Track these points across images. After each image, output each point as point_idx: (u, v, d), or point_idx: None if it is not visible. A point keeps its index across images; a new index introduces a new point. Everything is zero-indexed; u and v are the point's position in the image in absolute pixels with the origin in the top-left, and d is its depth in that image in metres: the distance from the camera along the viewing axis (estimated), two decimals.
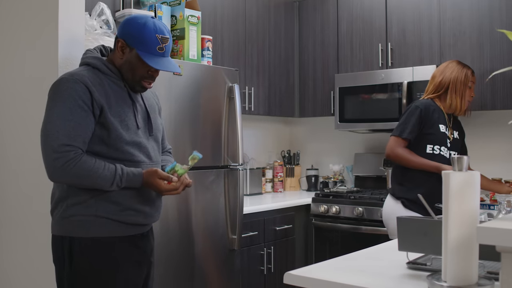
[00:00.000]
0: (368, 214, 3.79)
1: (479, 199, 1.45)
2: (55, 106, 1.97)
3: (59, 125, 1.94)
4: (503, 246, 1.14)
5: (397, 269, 1.72)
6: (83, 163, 1.95)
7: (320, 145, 4.88)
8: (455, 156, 1.43)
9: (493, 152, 3.91)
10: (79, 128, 1.96)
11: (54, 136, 1.93)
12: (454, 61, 3.19)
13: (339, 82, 4.25)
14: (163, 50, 2.11)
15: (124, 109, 2.09)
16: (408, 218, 1.68)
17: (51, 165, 1.94)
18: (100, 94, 2.02)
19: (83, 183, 1.98)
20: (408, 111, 3.10)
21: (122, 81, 2.13)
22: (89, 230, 2.02)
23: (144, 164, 2.13)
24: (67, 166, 1.92)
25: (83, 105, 1.97)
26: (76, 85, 1.98)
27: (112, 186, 2.01)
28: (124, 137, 2.06)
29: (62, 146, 1.92)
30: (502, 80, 3.57)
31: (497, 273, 1.47)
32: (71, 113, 1.95)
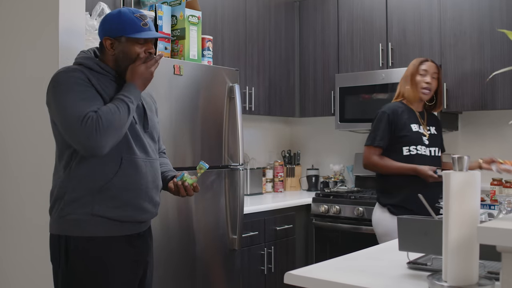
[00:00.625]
0: (369, 214, 3.79)
1: (480, 199, 1.45)
2: (65, 95, 1.98)
3: (76, 107, 1.95)
4: (503, 246, 1.14)
5: (398, 269, 1.72)
6: (104, 113, 1.97)
7: (321, 145, 4.88)
8: (455, 156, 1.43)
9: (493, 152, 3.91)
10: (92, 99, 2.00)
11: (75, 117, 1.93)
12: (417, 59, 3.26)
13: (340, 82, 4.25)
14: (147, 25, 2.14)
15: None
16: (409, 218, 1.68)
17: (83, 133, 1.93)
18: (96, 86, 2.05)
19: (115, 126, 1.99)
20: (376, 119, 3.14)
21: (114, 79, 2.14)
22: (85, 229, 2.00)
23: (140, 159, 2.12)
24: (93, 122, 1.93)
25: (90, 87, 2.02)
26: (75, 73, 2.02)
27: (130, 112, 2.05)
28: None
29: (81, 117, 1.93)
30: (502, 80, 3.57)
31: (498, 273, 1.47)
32: (82, 93, 1.99)
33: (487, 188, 3.57)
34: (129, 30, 2.10)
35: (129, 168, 2.07)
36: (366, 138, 3.20)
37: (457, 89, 3.78)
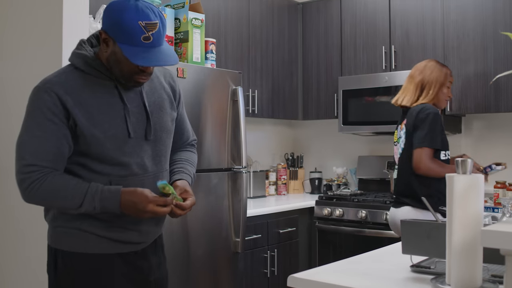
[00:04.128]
0: (372, 217, 3.78)
1: (483, 202, 1.44)
2: (25, 120, 1.76)
3: (26, 142, 1.72)
4: (507, 249, 1.14)
5: (401, 272, 1.71)
6: (49, 183, 1.71)
7: (324, 147, 4.88)
8: (458, 159, 1.43)
9: (497, 154, 3.90)
10: (47, 144, 1.72)
11: (20, 155, 1.73)
12: (432, 60, 3.19)
13: (343, 84, 4.25)
14: (150, 39, 1.70)
15: (111, 116, 1.79)
16: (412, 221, 1.67)
17: (20, 188, 1.73)
18: (76, 102, 1.73)
19: (52, 204, 1.79)
20: (430, 119, 2.95)
21: (112, 80, 1.82)
22: (73, 244, 1.80)
23: (136, 177, 1.83)
24: (32, 188, 1.70)
25: (52, 117, 1.71)
26: (45, 94, 1.72)
27: (82, 208, 1.72)
28: (109, 149, 1.78)
29: (27, 166, 1.70)
30: (506, 83, 3.56)
31: (502, 276, 1.46)
32: (38, 128, 1.72)
33: (491, 191, 3.56)
34: (125, 39, 1.70)
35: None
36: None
37: (460, 91, 3.77)
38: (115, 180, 1.79)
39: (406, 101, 3.13)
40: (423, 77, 3.10)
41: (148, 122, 1.87)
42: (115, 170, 1.80)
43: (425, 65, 3.15)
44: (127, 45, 1.70)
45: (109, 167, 1.79)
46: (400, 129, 3.16)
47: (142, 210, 1.74)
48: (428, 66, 3.13)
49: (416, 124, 2.99)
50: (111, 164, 1.79)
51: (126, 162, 1.81)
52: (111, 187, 1.75)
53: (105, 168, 1.79)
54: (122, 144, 1.80)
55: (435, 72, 3.10)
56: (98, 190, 1.73)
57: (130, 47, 1.70)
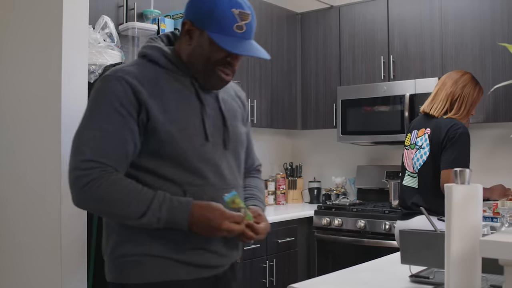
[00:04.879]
0: (371, 226, 3.78)
1: (482, 212, 1.44)
2: (87, 110, 1.57)
3: (87, 135, 1.52)
4: (506, 259, 1.14)
5: (400, 282, 1.71)
6: (111, 183, 1.48)
7: (323, 157, 4.88)
8: (457, 169, 1.43)
9: (495, 164, 3.91)
10: (111, 140, 1.52)
11: (79, 149, 1.51)
12: (467, 73, 3.10)
13: (341, 94, 4.26)
14: (243, 29, 1.59)
15: (187, 114, 1.61)
16: (411, 231, 1.67)
17: (72, 186, 1.51)
18: (151, 94, 1.56)
19: (110, 210, 1.51)
20: (463, 141, 2.94)
21: (189, 77, 1.65)
22: (145, 274, 1.55)
23: (213, 188, 1.62)
24: (90, 187, 1.47)
25: (120, 108, 1.52)
26: (116, 83, 1.54)
27: (145, 217, 1.48)
28: (185, 150, 1.57)
29: (86, 162, 1.48)
30: (504, 93, 3.58)
31: (500, 286, 1.47)
32: (104, 120, 1.52)
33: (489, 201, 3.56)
34: (216, 27, 1.57)
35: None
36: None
37: None
38: (190, 190, 1.57)
39: (433, 111, 3.05)
40: (455, 89, 3.02)
41: (226, 129, 1.70)
42: (190, 178, 1.58)
43: (460, 77, 3.07)
44: (219, 34, 1.57)
45: (182, 174, 1.57)
46: (419, 135, 3.09)
47: (216, 227, 1.53)
48: (463, 79, 3.05)
49: (446, 142, 2.95)
50: (186, 169, 1.58)
51: (203, 169, 1.60)
52: (181, 198, 1.53)
53: (177, 174, 1.57)
54: (199, 148, 1.61)
55: (468, 87, 3.03)
56: (167, 199, 1.50)
57: (222, 36, 1.57)
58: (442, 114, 3.03)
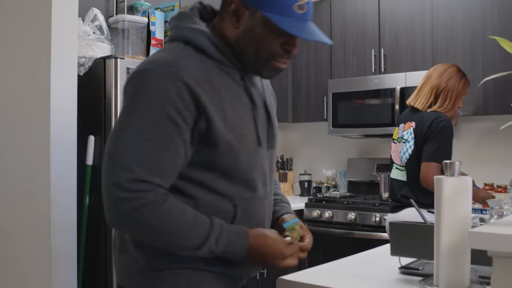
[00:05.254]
0: (361, 219, 3.80)
1: (471, 204, 1.45)
2: (131, 115, 1.28)
3: (134, 148, 1.25)
4: (494, 250, 1.15)
5: (390, 274, 1.72)
6: (166, 211, 1.26)
7: (313, 150, 4.89)
8: (447, 161, 1.44)
9: (485, 157, 3.93)
10: (164, 155, 1.27)
11: (124, 165, 1.24)
12: (454, 66, 3.10)
13: (332, 87, 4.27)
14: (304, 9, 1.35)
15: (243, 117, 1.39)
16: (401, 223, 1.68)
17: (113, 208, 1.26)
18: (210, 96, 1.31)
19: (161, 240, 1.29)
20: (444, 134, 2.94)
21: (237, 69, 1.41)
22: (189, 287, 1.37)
23: (259, 200, 1.45)
24: (141, 214, 1.24)
25: (175, 116, 1.26)
26: (169, 83, 1.27)
27: (199, 251, 1.29)
28: (242, 162, 1.38)
29: (135, 182, 1.23)
30: (494, 86, 3.59)
31: (489, 277, 1.48)
32: (155, 129, 1.26)
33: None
34: (274, 7, 1.31)
35: (245, 217, 1.41)
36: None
37: None
38: (241, 205, 1.39)
39: (418, 104, 3.06)
40: (439, 82, 3.03)
41: (270, 126, 1.49)
42: (240, 190, 1.39)
43: (445, 70, 3.06)
44: (277, 15, 1.31)
45: (232, 187, 1.37)
46: (405, 128, 3.11)
47: (271, 265, 1.39)
48: (448, 71, 3.05)
49: (428, 135, 2.96)
50: (238, 182, 1.38)
51: (255, 180, 1.42)
52: (235, 228, 1.34)
53: (228, 187, 1.37)
54: (254, 156, 1.41)
55: (453, 80, 3.03)
56: (224, 232, 1.31)
57: (281, 17, 1.31)
58: (426, 107, 3.04)
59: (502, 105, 3.57)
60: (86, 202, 3.10)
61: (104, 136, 3.09)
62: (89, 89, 3.11)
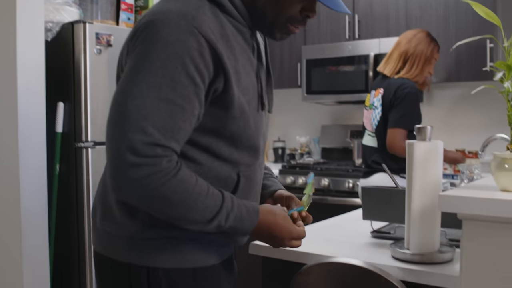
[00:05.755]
0: (334, 185, 3.82)
1: (442, 168, 1.46)
2: (148, 70, 1.14)
3: (150, 107, 1.13)
4: (464, 213, 1.16)
5: (362, 238, 1.73)
6: (178, 182, 1.15)
7: (287, 117, 4.88)
8: (418, 126, 1.44)
9: (458, 123, 3.97)
10: (181, 116, 1.16)
11: (138, 124, 1.12)
12: (423, 31, 3.10)
13: (306, 54, 4.24)
14: None
15: (252, 79, 1.31)
16: (372, 188, 1.69)
17: (122, 173, 1.12)
18: (227, 54, 1.21)
19: (166, 213, 1.19)
20: (408, 100, 2.94)
21: (249, 28, 1.32)
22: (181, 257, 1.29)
23: (259, 167, 1.40)
24: (151, 182, 1.13)
25: (195, 75, 1.16)
26: (191, 37, 1.15)
27: (209, 225, 1.21)
28: (250, 126, 1.30)
29: (151, 146, 1.12)
30: (467, 53, 3.60)
31: (459, 240, 1.50)
32: (173, 88, 1.14)
33: None
34: None
35: (246, 184, 1.35)
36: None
37: None
38: (245, 172, 1.33)
39: (387, 71, 3.07)
40: (408, 48, 3.02)
41: (270, 89, 1.42)
42: (244, 156, 1.32)
43: (414, 35, 3.06)
44: None
45: (237, 153, 1.30)
46: (375, 95, 3.12)
47: (278, 243, 1.34)
48: (417, 37, 3.05)
49: (393, 102, 2.97)
50: (242, 148, 1.31)
51: (259, 146, 1.35)
52: (248, 205, 1.27)
53: (233, 154, 1.30)
54: (259, 120, 1.34)
55: (422, 45, 3.03)
56: (235, 207, 1.23)
57: None
58: (394, 74, 3.05)
59: (475, 71, 3.59)
60: (57, 170, 3.06)
61: (74, 102, 3.03)
62: (57, 55, 3.03)
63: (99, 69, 3.02)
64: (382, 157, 3.04)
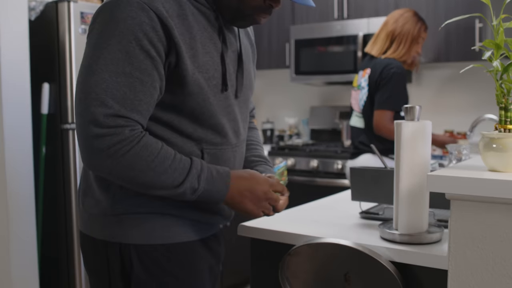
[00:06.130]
0: (324, 166, 3.82)
1: (430, 149, 1.45)
2: (104, 47, 1.20)
3: (108, 81, 1.19)
4: (452, 193, 1.15)
5: (350, 219, 1.73)
6: (143, 147, 1.21)
7: (276, 98, 4.86)
8: (406, 106, 1.43)
9: (447, 104, 3.97)
10: (141, 89, 1.21)
11: (98, 98, 1.18)
12: (410, 11, 3.09)
13: (295, 34, 4.21)
14: None
15: (213, 58, 1.33)
16: (361, 168, 1.68)
17: (89, 146, 1.19)
18: (180, 30, 1.25)
19: (137, 179, 1.22)
20: (394, 81, 2.92)
21: (213, 11, 1.35)
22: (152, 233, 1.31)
23: (231, 147, 1.41)
24: (117, 151, 1.18)
25: (149, 48, 1.21)
26: (141, 13, 1.21)
27: (181, 188, 1.24)
28: (211, 104, 1.33)
29: (112, 117, 1.18)
30: (456, 33, 3.59)
31: (447, 220, 1.49)
32: (129, 62, 1.20)
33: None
34: None
35: (212, 163, 1.35)
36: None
37: None
38: (208, 150, 1.35)
39: (375, 51, 3.06)
40: (395, 27, 3.01)
41: (240, 74, 1.42)
42: (208, 134, 1.34)
43: (401, 15, 3.04)
44: None
45: (201, 130, 1.33)
46: (362, 75, 3.10)
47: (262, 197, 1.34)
48: (404, 16, 3.03)
49: (379, 82, 2.96)
50: (206, 126, 1.33)
51: (223, 125, 1.36)
52: (218, 167, 1.30)
53: (196, 131, 1.32)
54: (223, 100, 1.36)
55: (409, 24, 3.01)
56: (204, 168, 1.27)
57: None
58: (381, 54, 3.04)
59: (464, 52, 3.58)
60: (43, 153, 3.03)
61: (59, 83, 2.99)
62: (41, 34, 2.99)
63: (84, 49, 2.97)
64: (369, 137, 3.04)
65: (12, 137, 2.60)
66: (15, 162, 2.60)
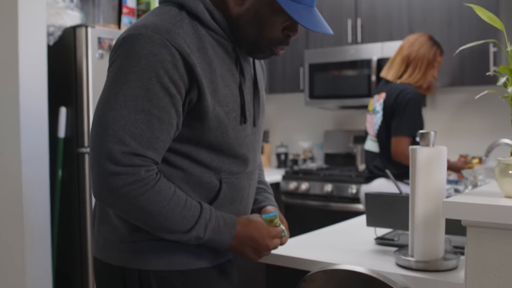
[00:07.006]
0: (338, 191, 3.80)
1: (446, 174, 1.45)
2: (124, 83, 1.20)
3: (127, 118, 1.18)
4: (469, 220, 1.14)
5: (366, 245, 1.72)
6: (157, 192, 1.21)
7: (290, 122, 4.87)
8: (421, 131, 1.43)
9: (462, 128, 3.95)
10: (158, 126, 1.21)
11: (116, 135, 1.18)
12: (426, 35, 3.10)
13: (309, 58, 4.23)
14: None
15: (232, 91, 1.33)
16: (376, 194, 1.67)
17: (103, 182, 1.19)
18: (202, 66, 1.25)
19: (145, 221, 1.24)
20: (410, 107, 2.92)
21: (231, 42, 1.34)
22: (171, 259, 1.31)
23: (247, 175, 1.41)
24: (130, 191, 1.19)
25: (170, 86, 1.21)
26: (164, 50, 1.20)
27: (187, 235, 1.26)
28: (229, 137, 1.33)
29: (129, 155, 1.18)
30: (470, 57, 3.59)
31: (463, 247, 1.48)
32: (148, 99, 1.19)
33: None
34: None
35: (229, 192, 1.36)
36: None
37: None
38: (226, 178, 1.35)
39: (390, 76, 3.07)
40: (410, 52, 3.02)
41: (257, 102, 1.41)
42: (226, 164, 1.34)
43: (416, 39, 3.06)
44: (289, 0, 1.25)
45: (218, 160, 1.33)
46: (378, 99, 3.10)
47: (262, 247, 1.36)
48: (419, 40, 3.04)
49: (394, 107, 2.96)
50: (224, 156, 1.33)
51: (240, 155, 1.37)
52: (226, 216, 1.31)
53: (214, 161, 1.32)
54: (241, 132, 1.36)
55: (424, 48, 3.02)
56: (212, 218, 1.28)
57: (291, 3, 1.25)
58: (397, 79, 3.04)
59: (479, 76, 3.57)
60: (59, 176, 3.05)
61: (76, 107, 3.02)
62: (59, 59, 3.03)
63: (101, 73, 3.01)
64: (384, 162, 3.03)
65: (30, 160, 2.63)
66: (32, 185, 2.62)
